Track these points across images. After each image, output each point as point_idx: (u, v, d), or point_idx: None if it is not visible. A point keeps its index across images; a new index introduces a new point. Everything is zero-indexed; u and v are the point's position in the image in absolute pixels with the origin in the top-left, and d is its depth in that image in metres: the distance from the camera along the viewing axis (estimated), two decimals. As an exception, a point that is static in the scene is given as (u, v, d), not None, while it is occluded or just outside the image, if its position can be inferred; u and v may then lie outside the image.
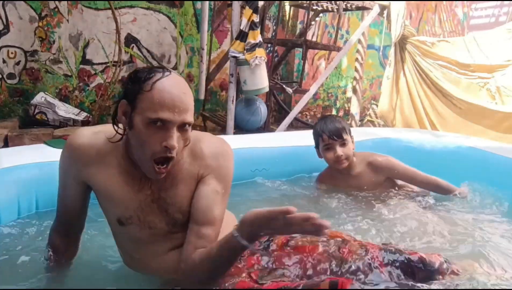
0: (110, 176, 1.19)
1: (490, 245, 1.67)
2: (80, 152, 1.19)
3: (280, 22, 5.19)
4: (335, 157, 2.08)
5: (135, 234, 1.22)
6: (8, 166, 1.78)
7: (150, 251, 1.24)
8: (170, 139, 1.08)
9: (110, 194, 1.20)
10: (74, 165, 1.21)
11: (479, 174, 2.55)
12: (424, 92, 4.33)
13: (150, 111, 1.07)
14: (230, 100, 3.73)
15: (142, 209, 1.21)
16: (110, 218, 1.24)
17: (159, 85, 1.08)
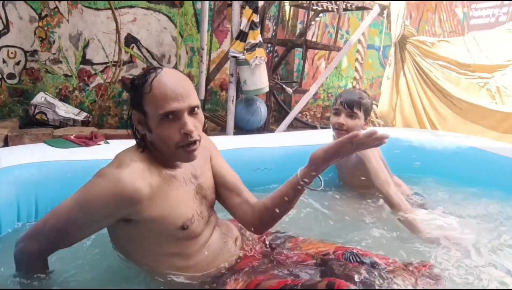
0: (162, 192, 1.20)
1: (489, 246, 1.67)
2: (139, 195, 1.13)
3: (280, 22, 5.19)
4: (336, 124, 2.10)
5: (195, 230, 1.26)
6: (8, 166, 1.77)
7: (202, 241, 1.30)
8: (185, 126, 1.14)
9: (169, 208, 1.20)
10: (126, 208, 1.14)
11: (479, 174, 2.56)
12: (424, 92, 4.33)
13: (158, 109, 1.13)
14: (230, 100, 3.73)
15: (195, 203, 1.28)
16: (168, 232, 1.21)
17: (156, 83, 1.14)
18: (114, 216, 1.17)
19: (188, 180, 1.28)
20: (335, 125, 2.11)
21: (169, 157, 1.22)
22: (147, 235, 1.22)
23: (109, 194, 1.11)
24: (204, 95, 4.52)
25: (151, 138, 1.20)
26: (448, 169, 2.69)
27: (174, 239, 1.24)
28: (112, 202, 1.12)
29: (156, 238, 1.23)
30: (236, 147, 2.43)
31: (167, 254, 1.26)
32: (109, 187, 1.12)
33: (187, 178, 1.28)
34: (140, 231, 1.21)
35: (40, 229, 1.20)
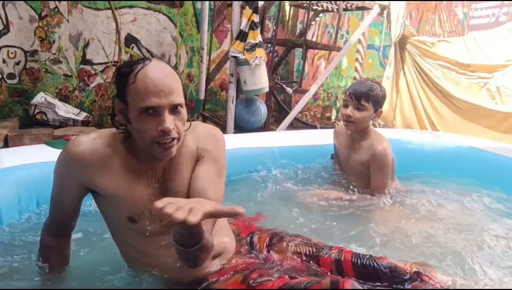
0: (115, 177, 1.20)
1: (488, 247, 1.68)
2: (82, 158, 1.18)
3: (280, 22, 5.19)
4: (344, 115, 2.10)
5: (146, 228, 1.23)
6: (8, 166, 1.78)
7: (160, 243, 1.25)
8: (163, 123, 1.11)
9: (118, 194, 1.20)
10: (75, 171, 1.20)
11: (479, 174, 2.56)
12: (424, 92, 4.33)
13: (138, 102, 1.11)
14: (230, 100, 3.73)
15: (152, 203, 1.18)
16: (119, 218, 1.23)
17: (141, 75, 1.12)
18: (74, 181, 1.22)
19: (152, 178, 1.23)
20: (343, 116, 2.11)
21: (143, 149, 1.19)
22: (109, 214, 1.27)
23: (61, 156, 1.23)
24: (204, 95, 4.52)
25: (130, 129, 1.19)
26: (448, 169, 2.70)
27: (126, 228, 1.25)
28: (63, 164, 1.22)
29: (113, 219, 1.27)
30: (236, 147, 2.44)
31: (123, 241, 1.30)
32: (62, 151, 1.23)
33: (153, 175, 1.24)
34: (104, 208, 1.27)
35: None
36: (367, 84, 2.08)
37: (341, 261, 1.34)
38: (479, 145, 2.83)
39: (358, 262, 1.33)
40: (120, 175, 1.20)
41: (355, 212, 2.01)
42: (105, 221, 1.32)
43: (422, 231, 1.82)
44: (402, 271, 1.30)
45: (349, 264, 1.33)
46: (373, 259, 1.33)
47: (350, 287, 1.05)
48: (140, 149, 1.20)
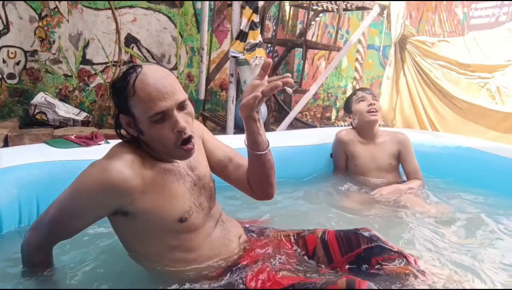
0: (157, 186, 1.19)
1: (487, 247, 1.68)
2: (127, 186, 1.12)
3: (280, 22, 5.19)
4: (368, 106, 2.27)
5: (194, 222, 1.25)
6: (8, 166, 1.77)
7: (204, 233, 1.29)
8: (177, 124, 1.12)
9: (164, 201, 1.19)
10: (115, 199, 1.14)
11: (479, 174, 2.56)
12: (424, 92, 4.33)
13: (146, 111, 1.11)
14: (230, 100, 3.73)
15: (193, 195, 1.26)
16: (167, 225, 1.21)
17: (139, 84, 1.11)
18: (105, 207, 1.17)
19: (184, 173, 1.27)
20: (365, 108, 2.28)
21: (164, 154, 1.21)
22: (146, 228, 1.21)
23: (96, 184, 1.12)
24: (204, 95, 4.52)
25: (145, 139, 1.17)
26: (448, 169, 2.70)
27: (174, 232, 1.23)
28: (100, 192, 1.12)
29: (155, 231, 1.22)
30: (236, 147, 2.43)
31: (167, 248, 1.25)
32: (97, 177, 1.12)
33: (183, 171, 1.27)
34: (139, 224, 1.21)
35: (42, 219, 1.22)
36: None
37: (325, 235, 1.43)
38: (479, 146, 2.82)
39: (341, 233, 1.41)
40: (161, 183, 1.20)
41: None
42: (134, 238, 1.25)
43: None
44: (383, 241, 1.35)
45: (332, 236, 1.41)
46: (355, 229, 1.41)
47: (366, 287, 1.05)
48: (159, 154, 1.21)
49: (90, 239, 1.54)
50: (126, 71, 1.15)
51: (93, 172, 1.13)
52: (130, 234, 1.25)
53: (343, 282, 1.08)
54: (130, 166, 1.15)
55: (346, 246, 1.37)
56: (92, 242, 1.53)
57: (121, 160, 1.15)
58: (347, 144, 2.39)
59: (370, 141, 2.35)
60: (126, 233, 1.26)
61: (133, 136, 1.20)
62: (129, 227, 1.23)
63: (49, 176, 1.80)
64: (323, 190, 2.33)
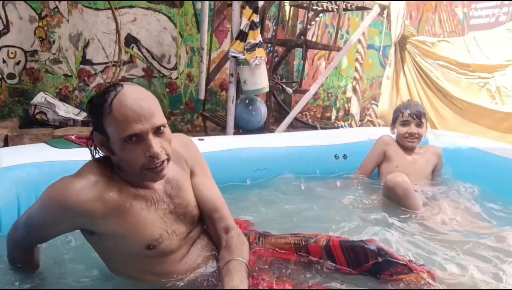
0: (124, 211, 1.15)
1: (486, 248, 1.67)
2: (85, 208, 1.10)
3: (280, 22, 5.19)
4: (407, 133, 2.36)
5: (165, 249, 1.21)
6: (8, 166, 1.77)
7: (176, 257, 1.25)
8: (151, 148, 1.09)
9: (131, 228, 1.15)
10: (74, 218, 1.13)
11: (479, 174, 2.56)
12: (424, 92, 4.33)
13: (120, 132, 1.07)
14: (230, 100, 3.73)
15: (166, 223, 1.22)
16: (133, 250, 1.18)
17: (116, 103, 1.07)
18: (67, 223, 1.16)
19: (159, 200, 1.22)
20: (405, 134, 2.37)
21: (135, 179, 1.17)
22: (114, 250, 1.20)
23: (56, 201, 1.11)
24: (204, 95, 4.52)
25: (115, 160, 1.15)
26: (448, 170, 2.69)
27: (142, 256, 1.20)
28: (59, 210, 1.11)
29: (123, 254, 1.20)
30: (236, 147, 2.43)
31: (137, 269, 1.23)
32: (57, 194, 1.11)
33: (158, 197, 1.22)
34: (106, 244, 1.20)
35: (19, 220, 1.24)
36: (418, 104, 2.50)
37: (329, 246, 1.34)
38: (479, 145, 2.82)
39: (347, 244, 1.34)
40: (128, 210, 1.15)
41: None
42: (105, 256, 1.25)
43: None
44: (390, 254, 1.31)
45: (338, 248, 1.33)
46: (361, 241, 1.35)
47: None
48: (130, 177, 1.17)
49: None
50: (106, 88, 1.12)
51: (56, 188, 1.12)
52: (100, 252, 1.25)
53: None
54: (92, 188, 1.11)
55: (354, 260, 1.32)
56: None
57: (84, 180, 1.12)
58: (389, 146, 2.45)
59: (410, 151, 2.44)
60: (96, 249, 1.26)
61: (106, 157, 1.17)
62: (98, 246, 1.23)
63: (49, 176, 1.79)
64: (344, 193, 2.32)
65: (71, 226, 1.18)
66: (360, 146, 2.85)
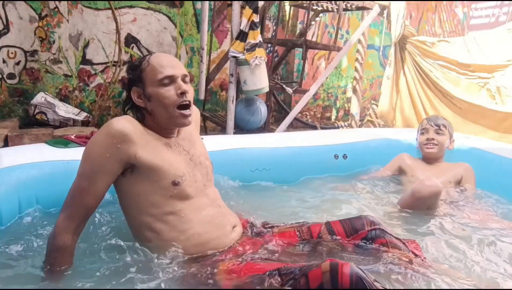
0: (155, 149, 1.36)
1: (485, 247, 1.68)
2: (129, 135, 1.30)
3: (280, 22, 5.19)
4: (425, 140, 2.40)
5: (186, 190, 1.38)
6: (9, 166, 1.77)
7: (195, 207, 1.40)
8: (181, 86, 1.37)
9: (160, 162, 1.35)
10: (121, 148, 1.29)
11: (479, 175, 2.56)
12: (424, 92, 4.32)
13: (157, 75, 1.36)
14: (230, 100, 3.73)
15: (188, 166, 1.43)
16: (162, 186, 1.34)
17: (153, 58, 1.40)
18: (116, 158, 1.30)
19: (180, 148, 1.45)
20: (423, 142, 2.41)
21: (167, 122, 1.40)
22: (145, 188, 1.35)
23: (103, 136, 1.31)
24: (204, 95, 4.52)
25: (151, 106, 1.39)
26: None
27: (167, 196, 1.35)
28: (107, 142, 1.29)
29: (152, 193, 1.35)
30: (236, 147, 2.43)
31: (162, 214, 1.36)
32: (102, 131, 1.32)
33: (179, 147, 1.45)
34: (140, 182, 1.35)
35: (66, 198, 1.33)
36: (440, 117, 2.56)
37: (329, 223, 1.53)
38: (479, 145, 2.83)
39: (346, 219, 1.53)
40: (158, 147, 1.38)
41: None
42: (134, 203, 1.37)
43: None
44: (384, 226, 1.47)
45: (337, 223, 1.52)
46: (359, 215, 1.56)
47: (349, 269, 1.09)
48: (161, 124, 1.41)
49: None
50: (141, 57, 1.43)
51: (99, 131, 1.34)
52: (131, 202, 1.38)
53: (327, 265, 1.12)
54: (132, 121, 1.36)
55: (351, 229, 1.46)
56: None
57: (123, 117, 1.35)
58: (404, 160, 2.51)
59: (431, 164, 2.46)
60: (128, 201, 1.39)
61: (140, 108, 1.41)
62: (131, 193, 1.37)
63: (49, 176, 1.81)
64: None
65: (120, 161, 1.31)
66: (360, 146, 2.86)
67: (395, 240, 1.44)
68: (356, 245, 1.44)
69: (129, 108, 1.45)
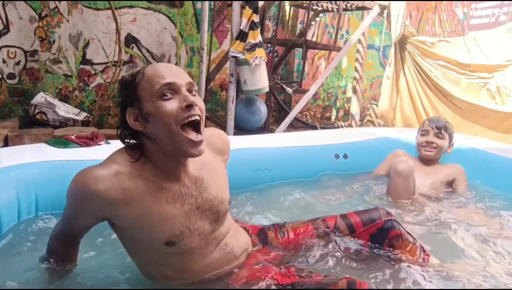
0: (146, 202, 1.11)
1: (485, 246, 1.68)
2: (105, 197, 1.07)
3: (280, 22, 5.19)
4: (424, 142, 2.41)
5: (186, 247, 1.18)
6: (8, 165, 1.77)
7: (197, 257, 1.22)
8: (187, 98, 1.07)
9: (151, 221, 1.12)
10: (95, 207, 1.12)
11: (479, 175, 2.56)
12: (424, 92, 4.33)
13: (154, 86, 1.07)
14: (230, 100, 3.73)
15: (190, 220, 1.17)
16: (153, 244, 1.16)
17: (149, 68, 1.12)
18: (91, 213, 1.15)
19: (187, 194, 1.17)
20: (422, 143, 2.42)
21: (172, 149, 1.11)
22: (136, 243, 1.20)
23: (77, 190, 1.11)
24: (204, 95, 4.52)
25: (150, 129, 1.10)
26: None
27: (162, 252, 1.17)
28: (80, 199, 1.12)
29: (144, 248, 1.19)
30: (236, 147, 2.43)
31: (157, 264, 1.22)
32: (77, 183, 1.11)
33: (186, 191, 1.17)
34: (127, 237, 1.20)
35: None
36: (443, 119, 2.52)
37: (345, 214, 1.49)
38: (479, 146, 2.82)
39: (361, 210, 1.51)
40: (151, 202, 1.12)
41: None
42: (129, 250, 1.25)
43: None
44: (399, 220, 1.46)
45: (352, 213, 1.48)
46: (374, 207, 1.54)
47: (367, 287, 1.06)
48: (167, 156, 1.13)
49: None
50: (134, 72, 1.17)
51: (77, 177, 1.11)
52: (123, 243, 1.25)
53: (344, 283, 1.08)
54: (113, 177, 1.09)
55: (368, 218, 1.43)
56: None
57: (105, 169, 1.10)
58: (399, 157, 2.47)
59: (427, 165, 2.46)
60: (122, 242, 1.26)
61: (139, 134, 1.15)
62: (121, 237, 1.23)
63: (49, 176, 1.80)
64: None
65: (95, 216, 1.17)
66: (361, 145, 2.86)
67: (407, 234, 1.44)
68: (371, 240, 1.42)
69: (126, 135, 1.16)
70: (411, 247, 1.43)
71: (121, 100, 1.15)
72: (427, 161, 2.46)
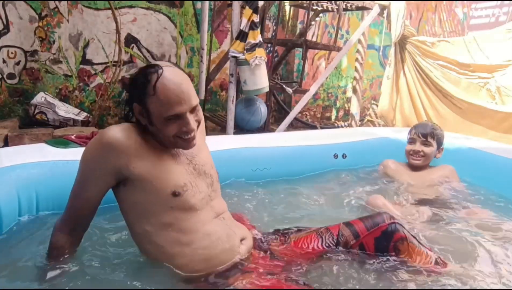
0: (152, 158, 1.28)
1: (485, 246, 1.68)
2: (121, 144, 1.23)
3: (280, 22, 5.19)
4: (412, 151, 2.41)
5: (189, 201, 1.30)
6: (8, 165, 1.77)
7: (198, 219, 1.32)
8: (188, 125, 1.25)
9: (158, 172, 1.27)
10: (112, 158, 1.24)
11: (479, 175, 2.56)
12: (424, 92, 4.33)
13: (163, 112, 1.22)
14: (230, 100, 3.73)
15: (191, 176, 1.33)
16: (161, 197, 1.27)
17: (160, 85, 1.21)
18: (106, 169, 1.25)
19: (182, 157, 1.35)
20: (410, 152, 2.43)
21: (165, 143, 1.30)
22: (143, 202, 1.28)
23: (94, 145, 1.26)
24: (204, 95, 4.52)
25: (151, 129, 1.28)
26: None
27: (168, 208, 1.28)
28: (98, 152, 1.25)
29: (151, 205, 1.28)
30: (236, 147, 2.43)
31: (162, 225, 1.28)
32: (94, 140, 1.27)
33: (181, 155, 1.35)
34: (136, 197, 1.28)
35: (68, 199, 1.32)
36: (430, 124, 2.48)
37: (348, 221, 1.51)
38: (479, 146, 2.82)
39: (364, 217, 1.51)
40: (156, 157, 1.29)
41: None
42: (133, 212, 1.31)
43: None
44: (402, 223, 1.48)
45: (356, 220, 1.50)
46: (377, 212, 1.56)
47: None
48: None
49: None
50: (146, 69, 1.24)
51: (93, 138, 1.29)
52: (130, 211, 1.32)
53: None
54: (127, 131, 1.27)
55: (371, 222, 1.45)
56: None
57: (119, 126, 1.28)
58: (388, 167, 2.54)
59: (418, 169, 2.46)
60: (127, 210, 1.32)
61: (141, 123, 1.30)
62: (129, 202, 1.30)
63: (49, 176, 1.80)
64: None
65: (111, 172, 1.25)
66: (360, 145, 2.86)
67: (411, 237, 1.44)
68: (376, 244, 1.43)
69: (131, 117, 1.33)
70: (417, 250, 1.43)
71: (129, 93, 1.29)
72: (417, 167, 2.46)
